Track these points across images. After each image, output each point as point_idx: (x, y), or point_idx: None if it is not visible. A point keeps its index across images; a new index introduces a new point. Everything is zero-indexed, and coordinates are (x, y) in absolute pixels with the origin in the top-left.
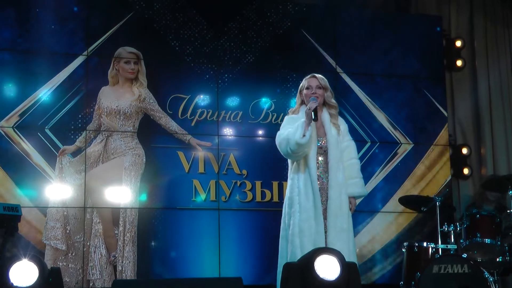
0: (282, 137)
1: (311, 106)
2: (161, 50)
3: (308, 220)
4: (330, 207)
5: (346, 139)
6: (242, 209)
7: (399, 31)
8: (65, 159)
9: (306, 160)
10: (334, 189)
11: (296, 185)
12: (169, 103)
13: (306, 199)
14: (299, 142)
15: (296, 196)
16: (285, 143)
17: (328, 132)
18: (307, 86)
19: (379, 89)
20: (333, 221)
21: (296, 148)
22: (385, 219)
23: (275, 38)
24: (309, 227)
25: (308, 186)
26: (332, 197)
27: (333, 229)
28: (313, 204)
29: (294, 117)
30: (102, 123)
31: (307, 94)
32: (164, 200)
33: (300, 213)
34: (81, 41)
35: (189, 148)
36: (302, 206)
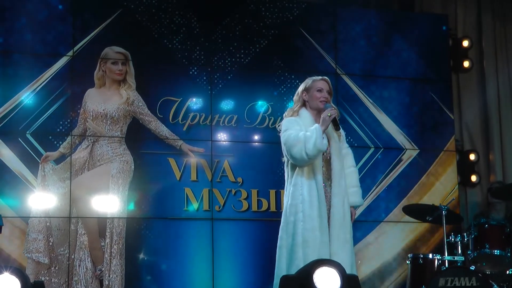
0: (296, 138)
1: (331, 112)
2: (150, 50)
3: (313, 230)
4: (334, 217)
5: (344, 146)
6: (237, 219)
7: (403, 31)
8: (48, 166)
9: (312, 167)
10: (337, 197)
11: (299, 192)
12: (160, 106)
13: (311, 208)
14: (320, 147)
15: (299, 203)
16: (300, 146)
17: (331, 139)
18: (319, 88)
19: (382, 91)
20: (337, 231)
21: (314, 154)
22: (389, 229)
23: (272, 37)
24: (313, 237)
25: (314, 194)
26: (336, 206)
27: (337, 240)
28: (318, 213)
29: (296, 119)
30: (88, 127)
31: (317, 96)
32: (154, 209)
33: (304, 222)
34: (65, 41)
35: (181, 155)
36: (306, 215)
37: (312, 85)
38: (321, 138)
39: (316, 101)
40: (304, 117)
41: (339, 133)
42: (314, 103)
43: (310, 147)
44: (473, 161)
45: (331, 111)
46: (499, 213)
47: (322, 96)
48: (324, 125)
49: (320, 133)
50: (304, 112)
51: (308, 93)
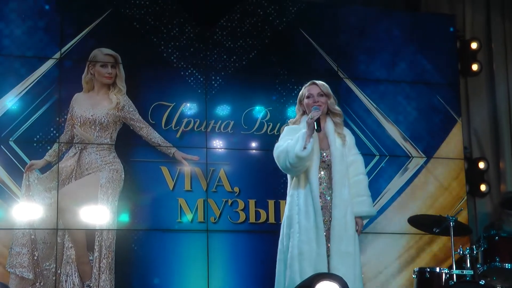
0: (280, 149)
1: (313, 115)
2: (142, 52)
3: (309, 242)
4: (334, 228)
5: (352, 152)
6: (233, 231)
7: (408, 32)
8: (32, 176)
9: (307, 174)
10: (338, 207)
11: (295, 203)
12: (151, 111)
13: (307, 219)
14: (299, 155)
15: (295, 214)
16: (283, 156)
17: (332, 144)
18: (308, 94)
19: (386, 95)
20: (337, 244)
21: (295, 162)
22: (394, 242)
23: (271, 39)
24: (309, 249)
25: (309, 204)
26: (336, 217)
27: (337, 253)
28: (314, 224)
29: (295, 127)
30: (75, 134)
31: (309, 103)
32: (145, 221)
33: (299, 234)
34: (52, 43)
35: (174, 163)
36: (302, 226)
37: (303, 93)
38: (301, 145)
39: (309, 107)
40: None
41: (343, 138)
42: (309, 111)
43: (292, 156)
44: (483, 169)
45: (313, 113)
46: (510, 224)
47: (312, 102)
48: (308, 129)
49: (302, 138)
50: (305, 119)
51: (302, 103)
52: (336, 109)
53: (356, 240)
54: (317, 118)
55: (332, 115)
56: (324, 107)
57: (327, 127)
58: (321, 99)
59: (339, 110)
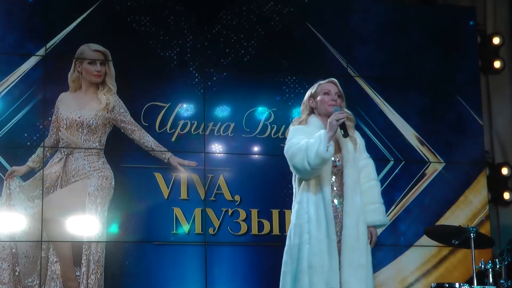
0: (297, 147)
1: (339, 117)
2: (134, 48)
3: (320, 254)
4: (345, 239)
5: (363, 156)
6: (234, 244)
7: (424, 26)
8: (14, 183)
9: (318, 180)
10: (350, 216)
11: (305, 210)
12: (144, 113)
13: (318, 228)
14: (323, 155)
15: (305, 223)
16: (301, 155)
17: (343, 148)
18: (326, 91)
19: (401, 95)
20: (349, 255)
21: (317, 163)
22: (409, 254)
23: (275, 34)
24: (321, 262)
25: (321, 212)
26: (348, 226)
27: (349, 265)
28: (326, 234)
29: (303, 128)
30: (61, 138)
31: (325, 100)
32: (137, 232)
33: (310, 245)
34: (35, 38)
35: (169, 169)
36: (312, 237)
37: (316, 90)
38: (325, 145)
39: (325, 105)
40: (313, 124)
41: (354, 141)
42: (322, 108)
43: (312, 156)
44: (506, 175)
45: (339, 115)
46: None
47: (331, 99)
48: (331, 131)
49: (324, 139)
50: (313, 119)
51: (315, 99)
52: (348, 113)
53: (369, 251)
54: (343, 120)
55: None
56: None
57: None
58: (338, 100)
59: (350, 114)
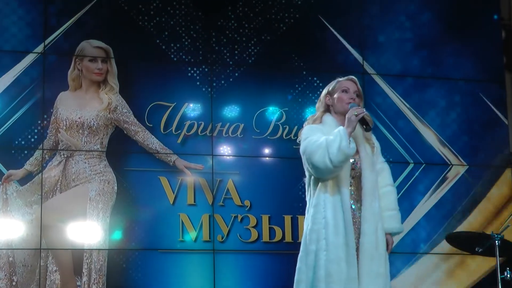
0: (316, 144)
1: (358, 111)
2: (137, 45)
3: (338, 261)
4: (364, 246)
5: (379, 160)
6: (244, 252)
7: (445, 20)
8: (10, 188)
9: (336, 182)
10: (369, 222)
11: (322, 215)
12: (148, 113)
13: (336, 234)
14: (346, 151)
15: (322, 229)
16: (322, 152)
17: (362, 150)
18: (344, 88)
19: (421, 94)
20: (368, 263)
21: (339, 160)
22: (430, 262)
23: (286, 28)
24: (338, 270)
25: (339, 216)
26: (367, 233)
27: (367, 274)
28: (344, 241)
29: (318, 127)
30: (60, 139)
31: (343, 98)
32: (142, 240)
33: (327, 252)
34: (33, 35)
35: (175, 172)
36: (330, 243)
37: (336, 86)
38: (347, 141)
39: (342, 103)
40: (329, 123)
41: (372, 144)
42: (339, 106)
43: (334, 152)
44: None
45: (357, 110)
46: None
47: (349, 98)
48: (350, 127)
49: (345, 135)
50: (328, 118)
51: (332, 96)
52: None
53: (387, 260)
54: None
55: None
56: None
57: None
58: (356, 99)
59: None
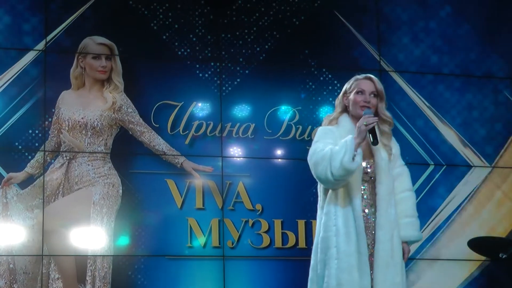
0: (321, 155)
1: (368, 121)
2: (143, 41)
3: (350, 270)
4: (378, 254)
5: (398, 164)
6: (255, 258)
7: (466, 13)
8: (11, 191)
9: (347, 189)
10: (384, 229)
11: (332, 222)
12: (155, 113)
13: (347, 242)
14: (348, 167)
15: (332, 236)
16: (325, 165)
17: (376, 154)
18: (359, 90)
19: (442, 92)
20: (383, 272)
21: (340, 175)
22: (450, 269)
23: (299, 23)
24: (350, 280)
25: (350, 224)
26: (381, 240)
27: (382, 284)
28: (356, 248)
29: (332, 129)
30: (62, 141)
31: (357, 100)
32: (148, 245)
33: (338, 261)
34: (34, 31)
35: (183, 175)
36: (341, 251)
37: (352, 86)
38: (351, 155)
39: (356, 106)
40: (344, 126)
41: (389, 150)
42: (354, 109)
43: (337, 165)
44: None
45: (368, 119)
46: None
47: (363, 100)
48: (358, 137)
49: (351, 147)
50: (344, 120)
51: (348, 96)
52: (386, 115)
53: (403, 268)
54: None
55: (380, 121)
56: (373, 111)
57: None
58: (373, 100)
59: (389, 117)
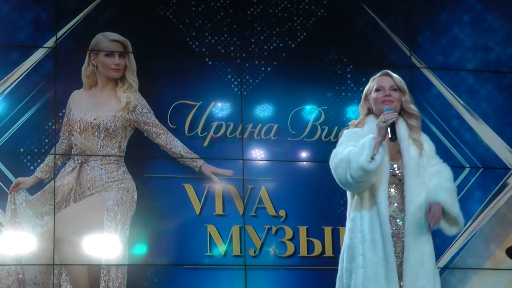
0: (340, 157)
1: (387, 117)
2: (158, 38)
3: (376, 279)
4: (408, 262)
5: (434, 162)
6: (279, 267)
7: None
8: (19, 197)
9: (373, 192)
10: (413, 235)
11: (358, 229)
12: (171, 113)
13: (373, 250)
14: (366, 167)
15: (358, 244)
16: (343, 167)
17: (405, 153)
18: (378, 87)
19: (477, 90)
20: (412, 282)
21: (359, 176)
22: (488, 279)
23: (325, 18)
24: None
25: (376, 230)
26: (410, 247)
27: None
28: (383, 256)
29: (357, 131)
30: (74, 143)
31: (378, 98)
32: (165, 254)
33: (364, 269)
34: (44, 27)
35: (201, 179)
36: (367, 260)
37: (371, 86)
38: (369, 154)
39: (378, 104)
40: (370, 126)
41: (420, 145)
42: (376, 108)
43: (355, 167)
44: None
45: (386, 115)
46: None
47: (382, 96)
48: (379, 135)
49: (369, 146)
50: (370, 120)
51: (369, 96)
52: (412, 109)
53: (437, 277)
54: (391, 122)
55: (406, 116)
56: (397, 105)
57: (399, 131)
58: (394, 94)
59: (415, 110)
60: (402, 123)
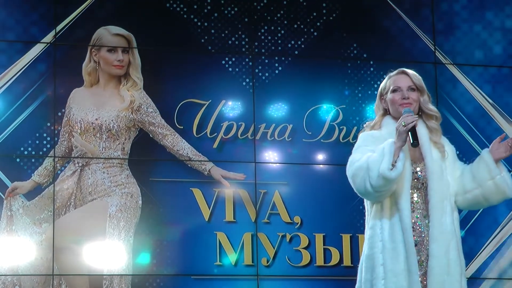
0: (357, 165)
1: (406, 121)
2: (165, 32)
3: None
4: (433, 271)
5: (457, 165)
6: (294, 278)
7: None
8: (16, 203)
9: (394, 198)
10: (438, 242)
11: (378, 237)
12: (178, 113)
13: (395, 259)
14: (387, 175)
15: (378, 254)
16: (362, 175)
17: (427, 155)
18: (394, 87)
19: (507, 87)
20: None
21: (380, 185)
22: None
23: (343, 10)
24: None
25: (398, 238)
26: (435, 255)
27: None
28: (405, 266)
29: (375, 134)
30: (74, 145)
31: (395, 99)
32: (172, 264)
33: (385, 281)
34: (43, 21)
35: (210, 183)
36: (388, 270)
37: (386, 85)
38: (389, 161)
39: (395, 106)
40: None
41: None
42: (393, 110)
43: (375, 176)
44: None
45: (406, 119)
46: None
47: (401, 98)
48: (399, 140)
49: (389, 153)
50: (387, 122)
51: (385, 97)
52: (431, 109)
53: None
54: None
55: (425, 117)
56: (416, 106)
57: (419, 133)
58: (412, 95)
59: (435, 111)
60: (422, 125)
